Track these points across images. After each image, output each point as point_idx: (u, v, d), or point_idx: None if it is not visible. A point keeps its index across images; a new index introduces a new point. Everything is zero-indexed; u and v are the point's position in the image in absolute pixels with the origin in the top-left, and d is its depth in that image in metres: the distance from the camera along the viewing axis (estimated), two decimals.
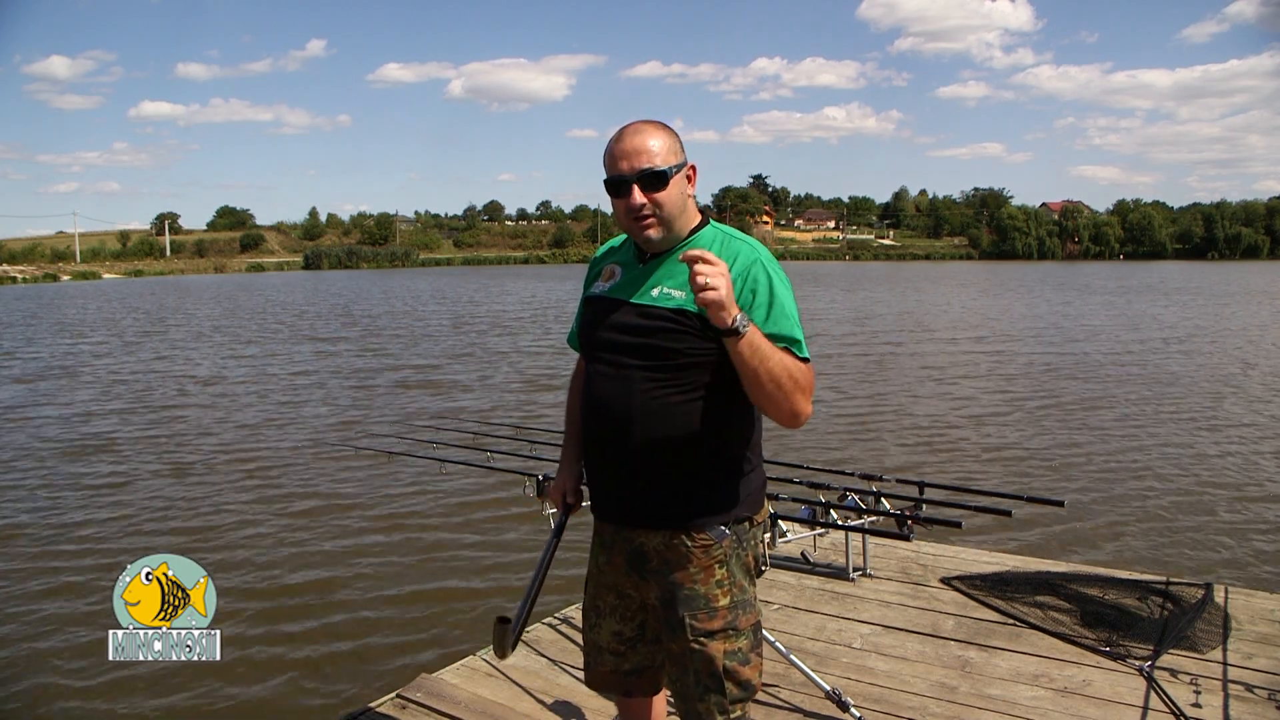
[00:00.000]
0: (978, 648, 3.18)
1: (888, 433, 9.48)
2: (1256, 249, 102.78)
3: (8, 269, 72.80)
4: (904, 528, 2.86)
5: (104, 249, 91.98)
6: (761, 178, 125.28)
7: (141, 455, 8.89)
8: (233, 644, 4.43)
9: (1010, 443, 9.01)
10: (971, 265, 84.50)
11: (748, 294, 1.72)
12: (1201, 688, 2.81)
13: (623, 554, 1.89)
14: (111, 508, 7.06)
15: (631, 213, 1.75)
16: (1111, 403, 11.20)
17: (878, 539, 4.08)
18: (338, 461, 8.29)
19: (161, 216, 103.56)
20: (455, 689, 2.95)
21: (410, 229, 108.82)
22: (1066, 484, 7.40)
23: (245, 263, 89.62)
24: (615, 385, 1.79)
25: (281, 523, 6.62)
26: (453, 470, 5.84)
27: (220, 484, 7.75)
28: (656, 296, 1.77)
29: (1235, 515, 6.63)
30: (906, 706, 2.78)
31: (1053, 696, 2.80)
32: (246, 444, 9.33)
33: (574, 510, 2.09)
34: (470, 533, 6.34)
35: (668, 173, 1.73)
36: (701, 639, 1.79)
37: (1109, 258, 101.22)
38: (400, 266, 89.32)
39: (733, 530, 1.82)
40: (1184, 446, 8.80)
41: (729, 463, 1.82)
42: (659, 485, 1.78)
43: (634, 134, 1.75)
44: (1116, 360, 15.29)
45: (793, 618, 3.50)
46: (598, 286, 1.90)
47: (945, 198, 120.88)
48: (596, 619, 1.98)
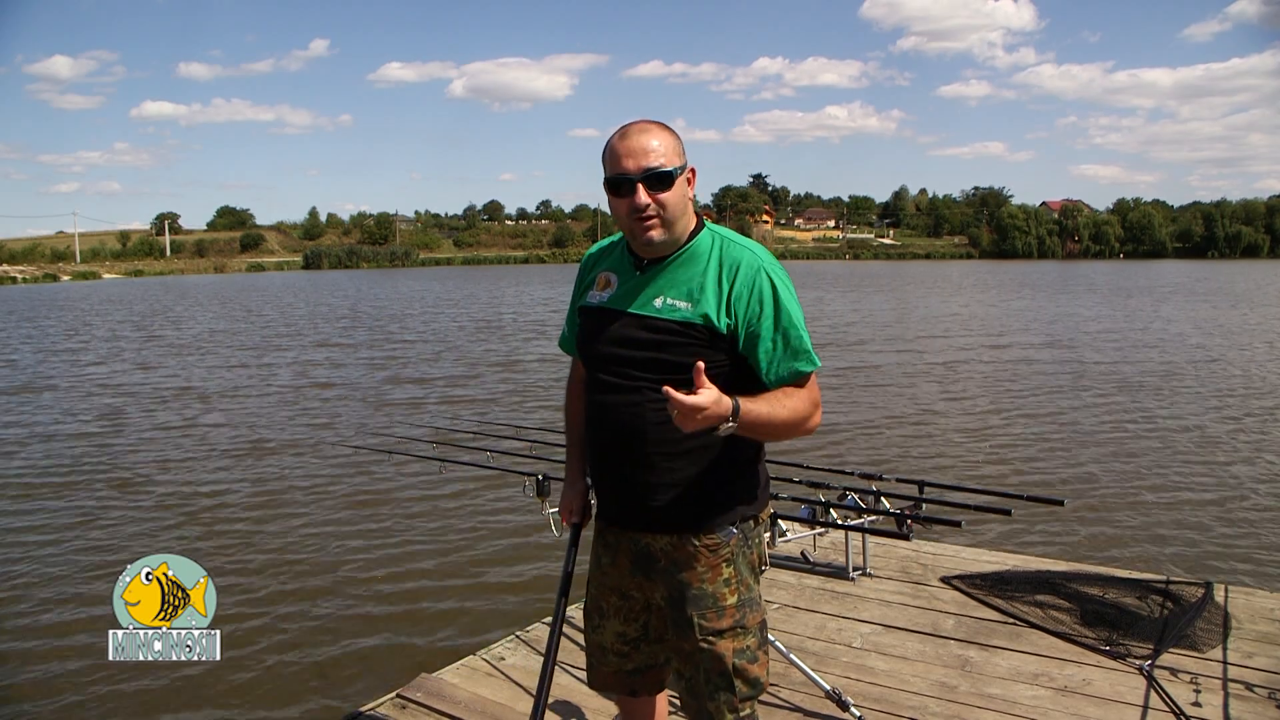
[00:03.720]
0: (978, 647, 3.18)
1: (888, 432, 9.48)
2: (1256, 248, 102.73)
3: (8, 269, 72.79)
4: (904, 527, 2.86)
5: (104, 249, 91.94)
6: (761, 177, 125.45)
7: (142, 455, 8.88)
8: (233, 644, 4.43)
9: (1010, 442, 9.00)
10: (972, 264, 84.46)
11: (755, 306, 1.70)
12: (1202, 687, 2.81)
13: (627, 555, 1.88)
14: (112, 508, 7.06)
15: (635, 212, 1.70)
16: (1111, 402, 11.20)
17: (878, 538, 4.08)
18: (338, 461, 8.29)
19: (161, 216, 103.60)
20: (455, 689, 2.95)
21: (410, 229, 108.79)
22: (1066, 483, 7.39)
23: (245, 263, 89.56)
24: (625, 399, 1.76)
25: (282, 522, 6.62)
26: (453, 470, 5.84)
27: (220, 484, 7.74)
28: (660, 308, 1.74)
29: (1235, 514, 6.63)
30: (906, 706, 2.78)
31: (1053, 695, 2.80)
32: (247, 444, 9.32)
33: (584, 527, 2.07)
34: (470, 533, 6.33)
35: (674, 173, 1.70)
36: (710, 638, 1.79)
37: (1109, 257, 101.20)
38: (400, 266, 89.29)
39: (739, 529, 1.82)
40: (1184, 446, 8.79)
41: (737, 464, 1.82)
42: (669, 492, 1.78)
43: (639, 133, 1.72)
44: (1117, 360, 15.29)
45: (793, 617, 3.50)
46: (594, 296, 1.86)
47: (945, 197, 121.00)
48: (599, 620, 1.97)
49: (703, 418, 1.53)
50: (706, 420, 1.54)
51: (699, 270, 1.75)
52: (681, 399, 1.51)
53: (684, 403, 1.51)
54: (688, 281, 1.74)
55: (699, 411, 1.52)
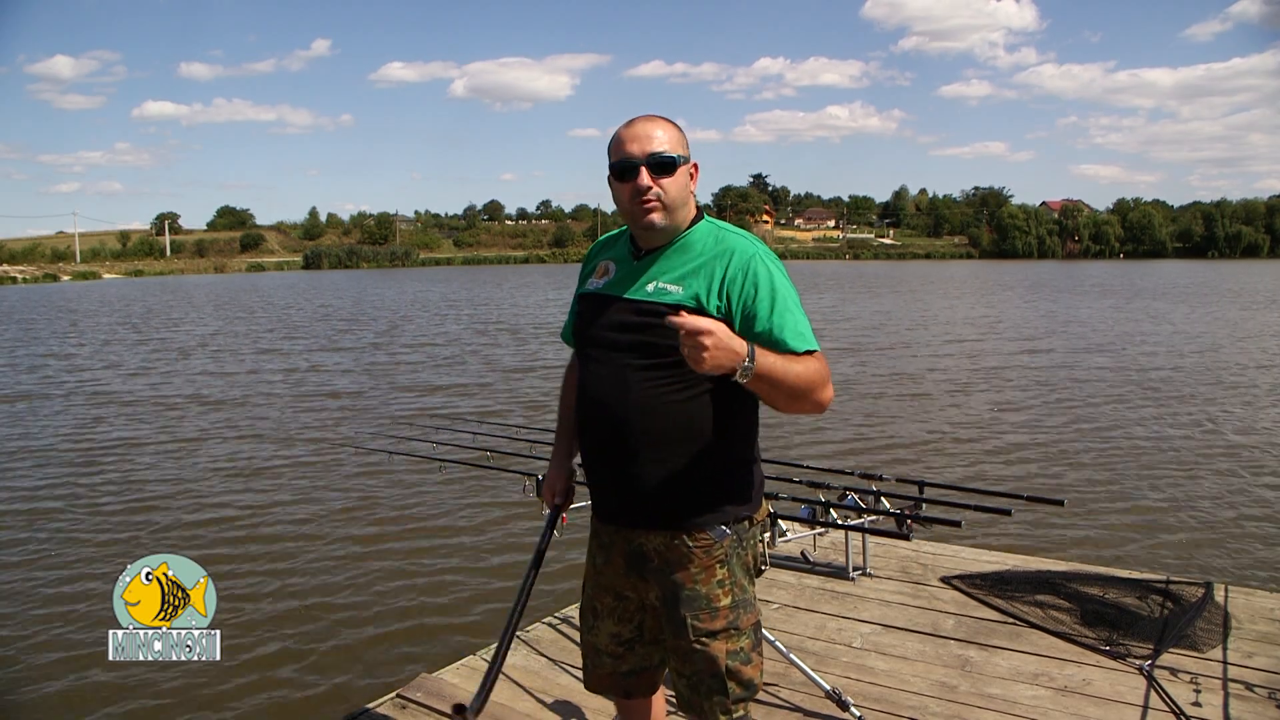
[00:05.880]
0: (978, 647, 3.18)
1: (887, 432, 9.48)
2: (1256, 248, 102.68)
3: (8, 269, 72.77)
4: (904, 527, 2.86)
5: (104, 249, 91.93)
6: (761, 177, 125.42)
7: (142, 455, 8.88)
8: (233, 644, 4.43)
9: (1010, 442, 9.00)
10: (972, 264, 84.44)
11: (749, 289, 1.71)
12: (1202, 686, 2.81)
13: (621, 555, 1.88)
14: (112, 507, 7.06)
15: (637, 194, 1.73)
16: (1112, 402, 11.20)
17: (877, 538, 4.08)
18: (338, 461, 8.29)
19: (162, 216, 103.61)
20: (455, 689, 2.95)
21: (410, 229, 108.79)
22: (1066, 483, 7.39)
23: (245, 262, 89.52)
24: (612, 383, 1.77)
25: (282, 522, 6.62)
26: (453, 470, 5.84)
27: (221, 483, 7.74)
28: (652, 292, 1.75)
29: (1236, 514, 6.63)
30: (906, 706, 2.78)
31: (1053, 695, 2.80)
32: (247, 443, 9.33)
33: (564, 509, 2.09)
34: (470, 532, 6.33)
35: (677, 160, 1.74)
36: (704, 639, 1.79)
37: (1109, 257, 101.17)
38: (400, 266, 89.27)
39: (733, 530, 1.81)
40: (1184, 445, 8.79)
41: (729, 461, 1.82)
42: (658, 484, 1.77)
43: (645, 122, 1.76)
44: (1117, 360, 15.28)
45: (793, 617, 3.50)
46: (592, 283, 1.89)
47: (946, 197, 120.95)
48: (594, 621, 1.97)
49: (714, 349, 1.49)
50: (724, 354, 1.50)
51: (693, 255, 1.77)
52: (685, 319, 1.49)
53: (687, 323, 1.48)
54: (681, 266, 1.76)
55: (706, 335, 1.48)
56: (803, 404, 1.68)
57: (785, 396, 1.65)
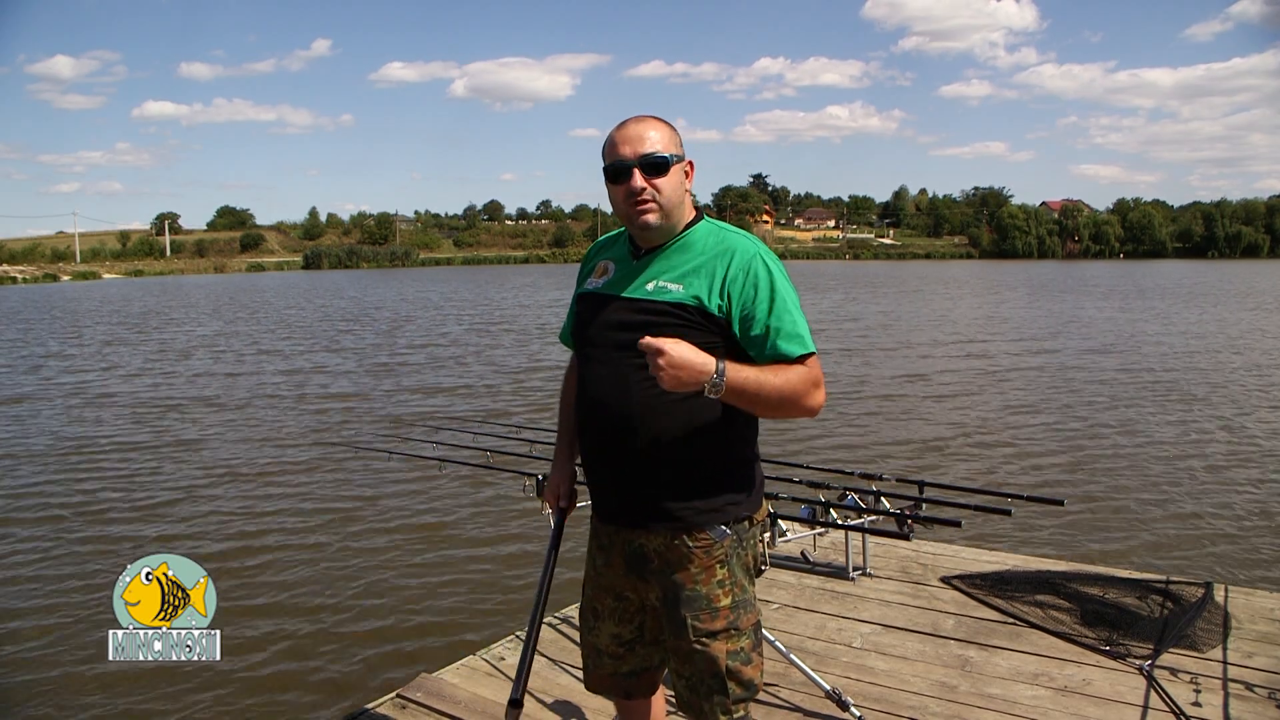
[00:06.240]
0: (978, 647, 3.18)
1: (888, 432, 9.48)
2: (1256, 248, 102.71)
3: (8, 269, 72.78)
4: (904, 527, 2.86)
5: (104, 249, 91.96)
6: (762, 177, 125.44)
7: (142, 455, 8.88)
8: (233, 644, 4.43)
9: (1010, 442, 9.00)
10: (972, 265, 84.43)
11: (749, 290, 1.71)
12: (1202, 686, 2.81)
13: (621, 555, 1.88)
14: (112, 507, 7.06)
15: (631, 196, 1.73)
16: (1112, 402, 11.20)
17: (877, 538, 4.07)
18: (338, 461, 8.29)
19: (162, 216, 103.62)
20: (455, 689, 2.95)
21: (410, 229, 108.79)
22: (1066, 483, 7.39)
23: (245, 263, 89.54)
24: (612, 382, 1.77)
25: (281, 522, 6.62)
26: (452, 470, 5.84)
27: (221, 484, 7.74)
28: (652, 290, 1.75)
29: (1236, 514, 6.63)
30: (906, 706, 2.77)
31: (1053, 695, 2.80)
32: (247, 444, 9.32)
33: (569, 512, 2.08)
34: (470, 532, 6.33)
35: (669, 159, 1.73)
36: (704, 639, 1.78)
37: (1109, 257, 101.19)
38: (400, 266, 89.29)
39: (733, 530, 1.81)
40: (1184, 445, 8.79)
41: (729, 461, 1.81)
42: (658, 484, 1.77)
43: (637, 123, 1.76)
44: (1117, 360, 15.28)
45: (793, 617, 3.50)
46: (591, 283, 1.89)
47: (946, 197, 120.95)
48: (595, 621, 1.97)
49: (669, 367, 1.56)
50: (685, 372, 1.57)
51: (695, 255, 1.77)
52: (650, 340, 1.56)
53: (652, 344, 1.56)
54: (682, 265, 1.76)
55: (662, 355, 1.55)
56: (787, 412, 1.72)
57: (765, 407, 1.70)
